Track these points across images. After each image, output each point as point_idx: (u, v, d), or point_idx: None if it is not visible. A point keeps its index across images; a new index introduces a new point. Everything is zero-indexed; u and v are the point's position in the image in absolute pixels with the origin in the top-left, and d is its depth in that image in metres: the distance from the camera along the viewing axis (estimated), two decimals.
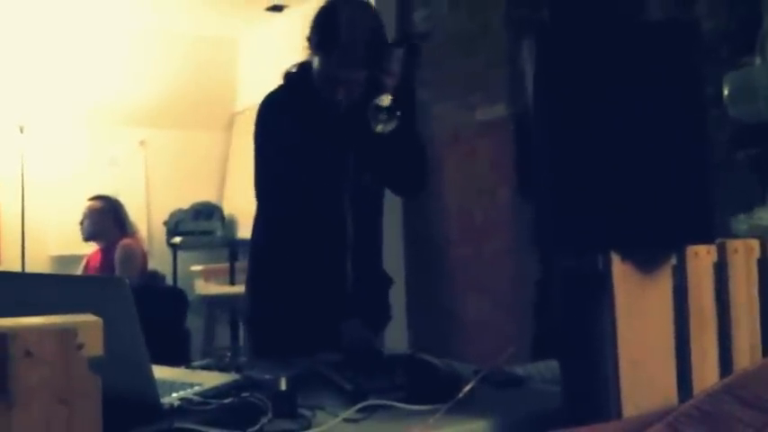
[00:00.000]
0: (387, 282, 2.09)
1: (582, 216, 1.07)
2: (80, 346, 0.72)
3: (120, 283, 1.09)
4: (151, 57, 5.81)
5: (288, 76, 1.97)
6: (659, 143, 1.08)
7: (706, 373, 1.20)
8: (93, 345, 0.73)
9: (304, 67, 1.90)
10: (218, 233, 5.57)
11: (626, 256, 1.10)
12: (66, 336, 0.71)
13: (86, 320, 0.73)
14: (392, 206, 3.99)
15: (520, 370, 1.58)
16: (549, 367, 1.59)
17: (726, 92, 1.80)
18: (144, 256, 4.52)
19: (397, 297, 4.10)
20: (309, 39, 1.85)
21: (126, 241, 4.40)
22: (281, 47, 1.70)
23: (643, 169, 1.08)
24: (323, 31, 1.81)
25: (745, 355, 1.25)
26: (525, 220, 3.38)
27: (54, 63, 5.48)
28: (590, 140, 1.07)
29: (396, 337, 3.92)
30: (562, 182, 1.07)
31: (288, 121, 1.92)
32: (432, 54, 4.03)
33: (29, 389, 0.71)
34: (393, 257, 4.06)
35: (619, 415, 1.12)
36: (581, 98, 1.08)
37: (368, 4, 1.89)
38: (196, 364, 1.77)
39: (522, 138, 1.17)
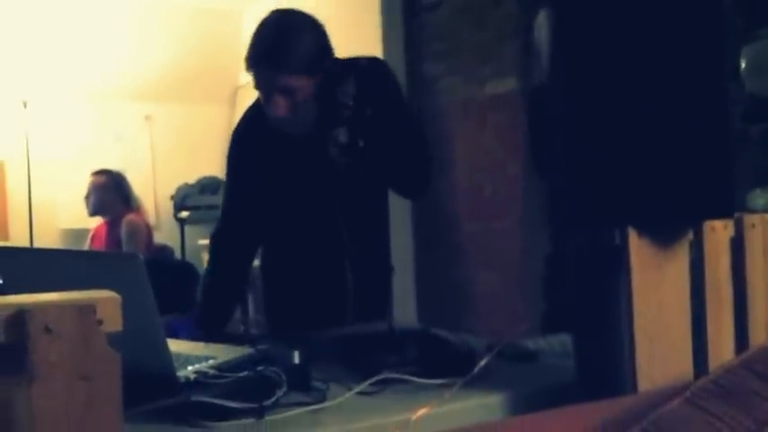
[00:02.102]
0: (389, 272, 2.08)
1: (600, 191, 1.06)
2: (99, 322, 0.71)
3: (135, 259, 1.09)
4: (155, 30, 5.77)
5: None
6: (679, 117, 1.07)
7: (722, 348, 1.20)
8: (112, 320, 0.72)
9: None
10: None
11: (644, 231, 1.09)
12: (86, 312, 0.71)
13: (105, 296, 0.72)
14: None
15: (531, 344, 1.57)
16: (560, 341, 1.59)
17: (743, 65, 1.77)
18: (149, 231, 4.55)
19: (406, 271, 4.11)
20: None
21: (130, 216, 4.42)
22: None
23: (662, 143, 1.06)
24: (248, 49, 1.74)
25: (761, 329, 1.24)
26: (535, 194, 3.37)
27: (57, 38, 5.45)
28: (608, 115, 1.06)
29: (404, 312, 3.94)
30: (580, 157, 1.06)
31: (253, 144, 1.90)
32: (441, 26, 3.99)
33: (48, 365, 0.71)
34: (401, 232, 4.06)
35: (634, 389, 1.12)
36: (599, 72, 1.06)
37: (301, 16, 1.78)
38: None
39: (536, 111, 1.15)
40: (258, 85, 1.76)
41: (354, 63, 1.81)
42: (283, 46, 1.70)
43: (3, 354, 0.71)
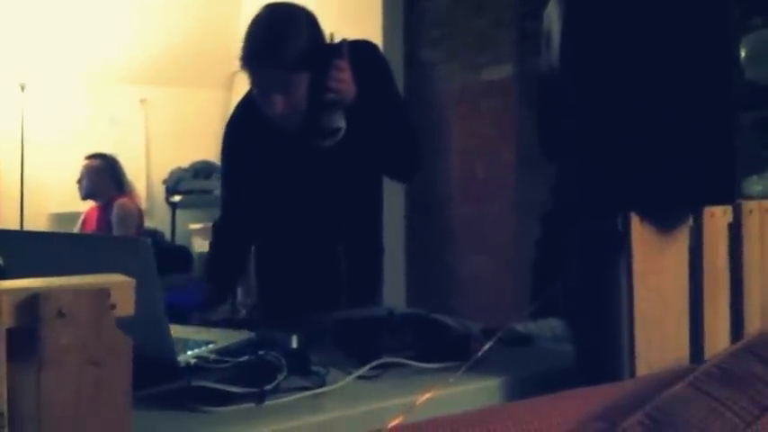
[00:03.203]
0: (380, 254, 2.07)
1: (604, 177, 1.07)
2: (112, 307, 0.71)
3: (142, 244, 1.09)
4: (152, 13, 5.71)
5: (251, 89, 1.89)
6: (683, 105, 1.07)
7: (718, 332, 1.22)
8: (125, 305, 0.72)
9: None
10: (218, 192, 5.53)
11: (647, 217, 1.10)
12: (100, 296, 0.71)
13: (119, 280, 0.72)
14: None
15: (521, 328, 1.58)
16: (549, 326, 1.60)
17: (743, 54, 1.77)
18: (140, 215, 4.53)
19: (397, 254, 4.12)
20: None
21: (122, 200, 4.41)
22: None
23: (667, 130, 1.07)
24: (243, 47, 1.72)
25: (756, 314, 1.26)
26: (528, 179, 3.39)
27: (55, 20, 5.40)
28: (613, 102, 1.07)
29: (394, 295, 3.95)
30: (585, 143, 1.07)
31: (246, 138, 1.89)
32: (439, 12, 3.98)
33: (60, 350, 0.71)
34: (393, 215, 4.06)
35: (632, 374, 1.14)
36: (606, 60, 1.06)
37: (295, 10, 1.75)
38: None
39: (545, 97, 1.16)
40: (255, 84, 1.74)
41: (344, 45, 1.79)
42: (279, 43, 1.67)
43: (13, 338, 0.71)
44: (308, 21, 1.74)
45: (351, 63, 1.70)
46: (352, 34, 1.85)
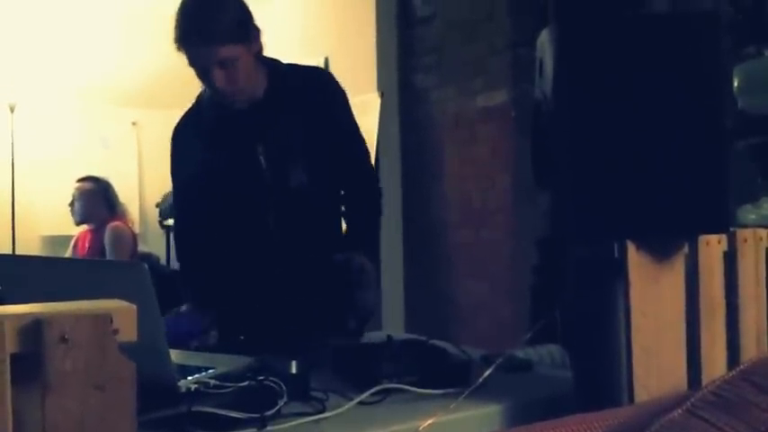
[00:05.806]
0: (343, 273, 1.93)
1: (599, 205, 1.08)
2: (115, 332, 0.72)
3: (140, 269, 1.09)
4: (144, 35, 5.74)
5: (199, 96, 1.92)
6: (677, 134, 1.09)
7: (714, 359, 1.22)
8: (127, 330, 0.73)
9: None
10: None
11: (641, 245, 1.12)
12: (102, 321, 0.71)
13: (121, 306, 0.73)
14: (392, 190, 4.01)
15: (520, 354, 1.59)
16: (548, 351, 1.60)
17: (736, 83, 1.80)
18: (134, 238, 4.48)
19: (395, 281, 4.13)
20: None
21: (115, 223, 4.35)
22: (276, 25, 1.66)
23: (661, 159, 1.09)
24: (174, 27, 1.74)
25: (752, 340, 1.27)
26: (524, 205, 3.40)
27: (46, 42, 5.42)
28: (608, 130, 1.08)
29: (393, 321, 3.95)
30: (581, 171, 1.08)
31: (193, 140, 1.90)
32: (434, 39, 4.02)
33: (63, 375, 0.71)
34: (392, 242, 4.07)
35: (630, 400, 1.14)
36: (599, 89, 1.08)
37: None
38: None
39: (539, 125, 1.18)
40: (194, 63, 1.74)
41: (301, 74, 1.88)
42: (212, 18, 1.69)
43: (17, 364, 0.71)
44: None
45: (306, 90, 1.80)
46: (347, 60, 1.89)
